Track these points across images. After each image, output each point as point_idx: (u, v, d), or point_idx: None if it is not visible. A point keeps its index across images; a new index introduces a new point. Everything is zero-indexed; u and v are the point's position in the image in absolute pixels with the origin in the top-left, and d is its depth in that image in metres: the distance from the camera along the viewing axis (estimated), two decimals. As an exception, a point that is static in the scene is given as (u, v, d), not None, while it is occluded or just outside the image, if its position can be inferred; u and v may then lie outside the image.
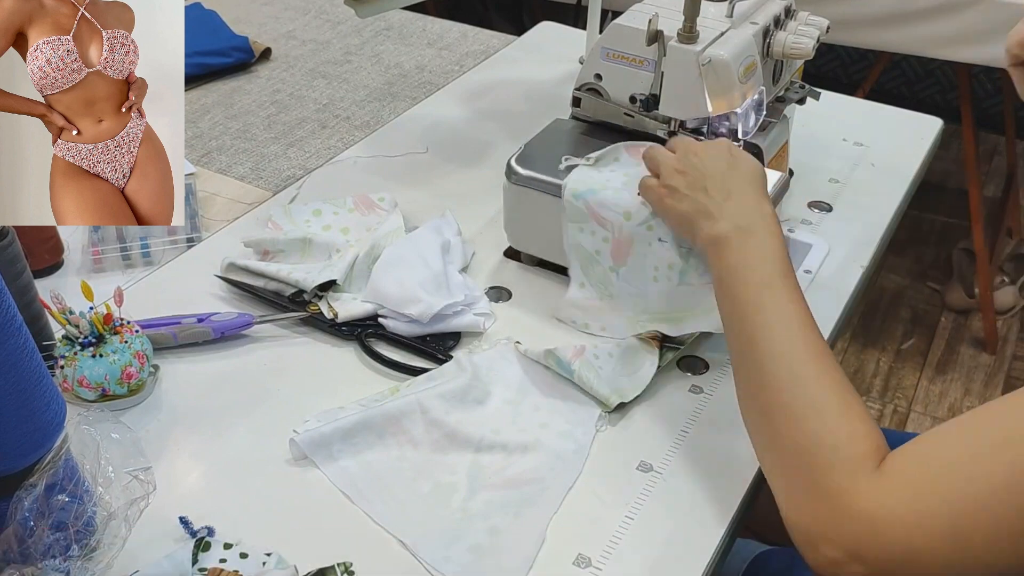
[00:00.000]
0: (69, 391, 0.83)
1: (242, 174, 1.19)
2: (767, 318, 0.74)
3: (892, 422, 2.07)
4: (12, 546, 0.64)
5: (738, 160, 0.86)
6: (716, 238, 0.80)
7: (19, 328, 0.63)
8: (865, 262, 1.05)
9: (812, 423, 0.68)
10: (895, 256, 2.49)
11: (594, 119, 1.02)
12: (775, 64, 1.02)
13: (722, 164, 0.85)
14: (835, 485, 0.65)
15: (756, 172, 0.85)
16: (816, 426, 0.68)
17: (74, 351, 0.83)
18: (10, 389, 0.62)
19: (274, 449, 0.82)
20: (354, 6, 1.14)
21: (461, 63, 1.47)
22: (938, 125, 1.31)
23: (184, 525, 0.74)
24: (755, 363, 0.73)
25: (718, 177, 0.84)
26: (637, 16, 0.94)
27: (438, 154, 1.23)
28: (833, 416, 0.68)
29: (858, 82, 2.79)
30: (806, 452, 0.68)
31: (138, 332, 0.86)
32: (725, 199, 0.82)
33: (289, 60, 1.47)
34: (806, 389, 0.70)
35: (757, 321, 0.75)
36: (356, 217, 1.06)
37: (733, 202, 0.82)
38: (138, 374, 0.84)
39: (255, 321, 0.92)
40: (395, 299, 0.93)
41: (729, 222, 0.80)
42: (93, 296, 0.85)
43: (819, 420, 0.68)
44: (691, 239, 0.85)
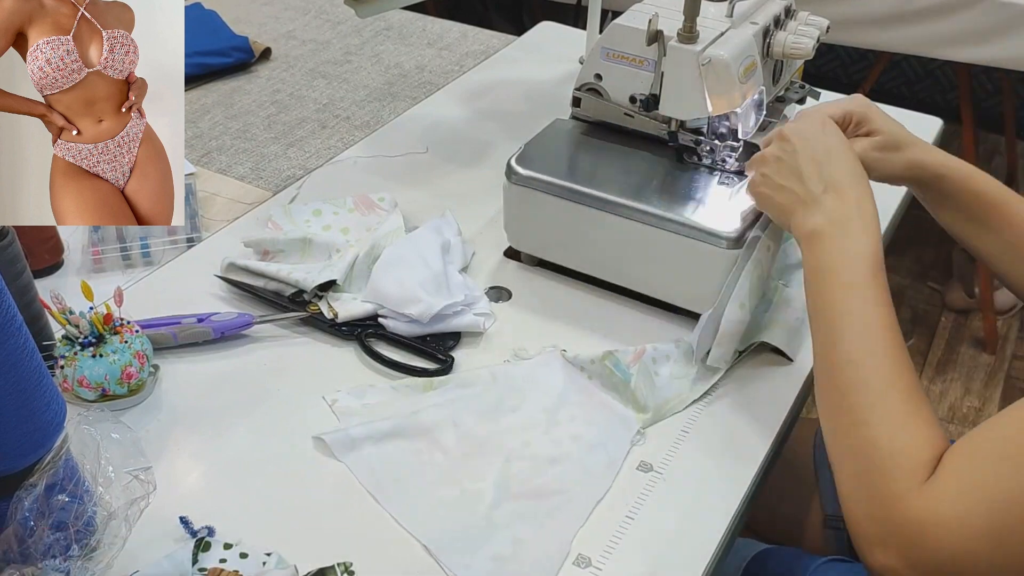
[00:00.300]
0: (69, 391, 0.83)
1: (242, 174, 1.19)
2: (848, 322, 0.74)
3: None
4: (12, 546, 0.64)
5: (833, 147, 0.83)
6: (810, 233, 0.80)
7: (19, 328, 0.63)
8: (865, 262, 1.05)
9: (876, 429, 0.68)
10: (895, 256, 2.49)
11: (594, 119, 1.02)
12: (775, 64, 1.02)
13: (819, 149, 0.83)
14: (891, 492, 0.65)
15: (853, 160, 0.83)
16: (879, 432, 0.68)
17: (74, 351, 0.83)
18: (10, 389, 0.62)
19: (274, 449, 0.82)
20: (354, 6, 1.14)
21: (461, 63, 1.47)
22: (938, 125, 1.31)
23: (184, 525, 0.74)
24: (830, 364, 0.74)
25: (815, 164, 0.82)
26: (637, 16, 0.94)
27: (438, 154, 1.23)
28: (897, 423, 0.68)
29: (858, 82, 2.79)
30: (867, 456, 0.68)
31: (138, 332, 0.86)
32: (823, 190, 0.80)
33: (289, 60, 1.47)
34: (875, 394, 0.70)
35: (837, 324, 0.75)
36: (356, 217, 1.06)
37: (831, 195, 0.80)
38: (138, 374, 0.84)
39: (255, 321, 0.92)
40: (395, 299, 0.93)
41: (824, 216, 0.79)
42: (93, 296, 0.85)
43: (882, 426, 0.68)
44: (787, 229, 0.84)
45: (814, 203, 0.80)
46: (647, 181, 0.96)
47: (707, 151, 0.98)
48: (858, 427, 0.69)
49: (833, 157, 0.82)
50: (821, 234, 0.79)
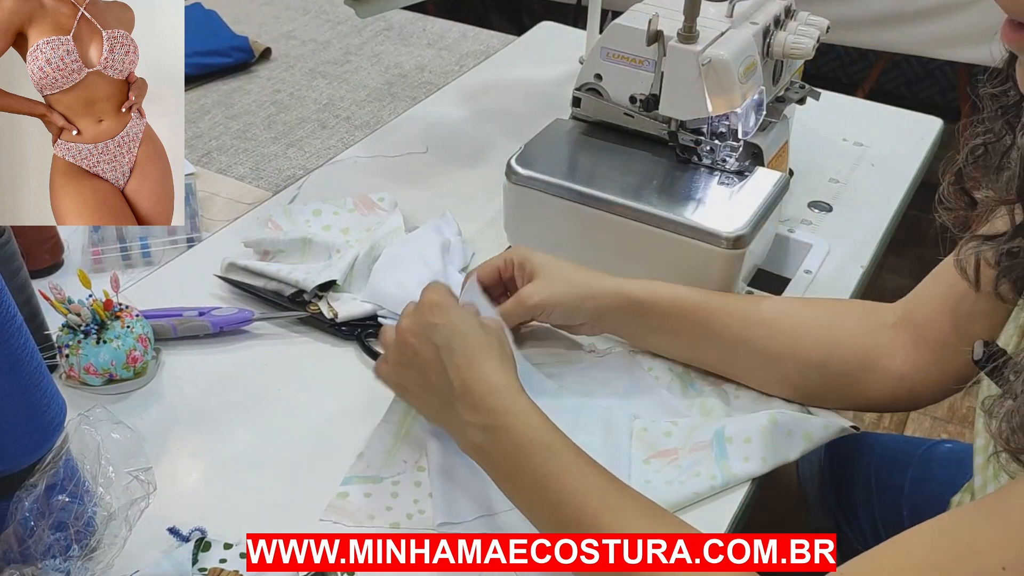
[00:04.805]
0: (76, 379, 0.85)
1: (242, 174, 1.19)
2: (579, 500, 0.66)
3: (892, 423, 2.07)
4: (12, 546, 0.64)
5: (437, 334, 0.73)
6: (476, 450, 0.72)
7: (19, 328, 0.63)
8: (865, 262, 1.05)
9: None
10: (895, 256, 2.48)
11: (594, 119, 1.02)
12: (775, 64, 1.02)
13: (429, 348, 0.74)
14: None
15: (463, 344, 0.73)
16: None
17: (77, 339, 0.84)
18: (10, 389, 0.62)
19: (274, 449, 0.82)
20: (354, 6, 1.14)
21: (461, 63, 1.47)
22: (938, 125, 1.31)
23: (174, 534, 0.73)
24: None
25: (433, 370, 0.73)
26: (637, 16, 0.94)
27: (438, 154, 1.23)
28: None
29: (858, 82, 2.79)
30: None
31: (138, 316, 0.87)
32: (453, 399, 0.72)
33: (289, 60, 1.47)
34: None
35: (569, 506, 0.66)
36: (356, 217, 1.06)
37: (462, 402, 0.71)
38: (142, 357, 0.86)
39: (254, 318, 0.92)
40: (395, 299, 0.93)
41: (475, 430, 0.71)
42: (91, 284, 0.85)
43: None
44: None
45: (454, 419, 0.73)
46: (647, 181, 0.96)
47: (707, 151, 0.98)
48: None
49: (441, 346, 0.73)
50: (482, 448, 0.71)
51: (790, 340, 0.83)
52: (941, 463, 0.97)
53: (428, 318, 0.74)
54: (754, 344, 0.84)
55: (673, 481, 0.78)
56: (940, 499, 0.87)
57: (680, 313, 0.85)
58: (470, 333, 0.74)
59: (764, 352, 0.84)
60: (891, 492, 0.98)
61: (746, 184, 0.96)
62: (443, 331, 0.73)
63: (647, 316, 0.85)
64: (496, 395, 0.70)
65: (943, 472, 0.95)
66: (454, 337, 0.73)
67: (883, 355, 0.82)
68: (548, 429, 0.69)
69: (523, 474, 0.68)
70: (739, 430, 0.80)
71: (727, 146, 0.97)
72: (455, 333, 0.73)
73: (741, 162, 0.98)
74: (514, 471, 0.69)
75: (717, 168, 0.98)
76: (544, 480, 0.67)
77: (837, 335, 0.84)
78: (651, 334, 0.88)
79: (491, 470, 0.71)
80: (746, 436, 0.80)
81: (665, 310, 0.85)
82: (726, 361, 0.86)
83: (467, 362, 0.72)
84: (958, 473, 0.89)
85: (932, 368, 0.81)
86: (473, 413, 0.71)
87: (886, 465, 1.00)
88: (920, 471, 0.98)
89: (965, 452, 0.96)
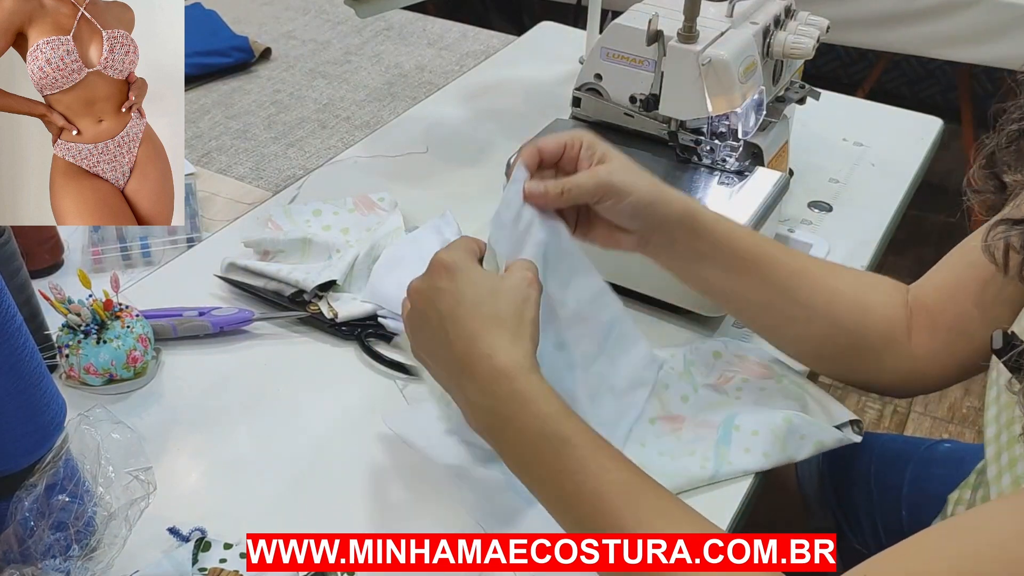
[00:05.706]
0: (76, 379, 0.85)
1: (242, 174, 1.19)
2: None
3: (892, 423, 2.07)
4: (12, 546, 0.64)
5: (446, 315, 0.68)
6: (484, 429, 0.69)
7: (19, 328, 0.63)
8: (865, 262, 1.05)
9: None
10: (895, 256, 2.48)
11: (594, 119, 1.02)
12: (775, 64, 1.02)
13: (434, 314, 0.69)
14: None
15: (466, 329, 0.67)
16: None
17: (77, 339, 0.84)
18: (10, 389, 0.62)
19: (274, 449, 0.82)
20: (354, 6, 1.14)
21: (461, 63, 1.47)
22: (938, 125, 1.31)
23: (174, 534, 0.73)
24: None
25: (437, 339, 0.69)
26: (637, 16, 0.94)
27: (438, 154, 1.23)
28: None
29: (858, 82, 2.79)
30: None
31: (138, 316, 0.87)
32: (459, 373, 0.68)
33: (289, 60, 1.47)
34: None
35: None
36: (356, 217, 1.06)
37: (467, 379, 0.67)
38: (143, 357, 0.86)
39: (254, 318, 0.92)
40: (395, 299, 0.92)
41: (481, 412, 0.67)
42: (91, 284, 0.85)
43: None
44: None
45: (464, 402, 0.69)
46: (647, 181, 0.95)
47: (707, 151, 0.98)
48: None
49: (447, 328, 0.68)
50: (491, 428, 0.68)
51: (830, 298, 0.81)
52: (941, 463, 0.97)
53: (435, 281, 0.69)
54: (796, 295, 0.81)
55: (666, 453, 0.79)
56: (940, 499, 0.87)
57: (734, 247, 0.81)
58: (478, 302, 0.67)
59: (803, 305, 0.81)
60: (891, 492, 0.98)
61: (746, 184, 0.96)
62: (447, 298, 0.68)
63: (702, 240, 0.80)
64: (502, 380, 0.65)
65: (943, 472, 0.95)
66: (459, 305, 0.67)
67: (904, 333, 0.81)
68: (562, 418, 0.64)
69: (536, 466, 0.65)
70: (750, 421, 0.81)
71: (727, 146, 0.97)
72: (461, 301, 0.67)
73: (741, 162, 0.98)
74: (527, 462, 0.66)
75: (717, 168, 0.98)
76: (559, 476, 0.64)
77: (871, 301, 0.82)
78: (698, 261, 0.81)
79: (502, 456, 0.68)
80: (754, 429, 0.80)
81: (721, 239, 0.80)
82: (764, 308, 0.83)
83: (470, 336, 0.66)
84: (958, 473, 0.89)
85: (942, 353, 0.80)
86: (479, 394, 0.66)
87: (886, 465, 1.00)
88: (920, 471, 0.98)
89: (965, 452, 0.96)
